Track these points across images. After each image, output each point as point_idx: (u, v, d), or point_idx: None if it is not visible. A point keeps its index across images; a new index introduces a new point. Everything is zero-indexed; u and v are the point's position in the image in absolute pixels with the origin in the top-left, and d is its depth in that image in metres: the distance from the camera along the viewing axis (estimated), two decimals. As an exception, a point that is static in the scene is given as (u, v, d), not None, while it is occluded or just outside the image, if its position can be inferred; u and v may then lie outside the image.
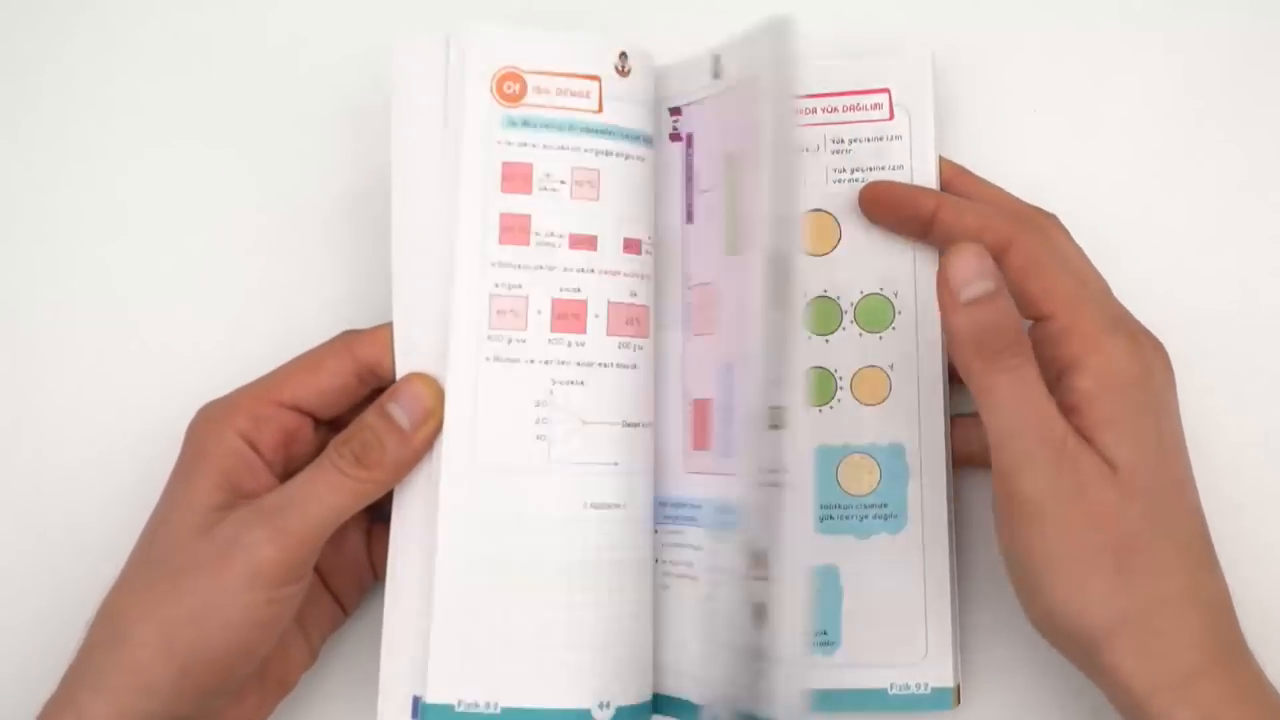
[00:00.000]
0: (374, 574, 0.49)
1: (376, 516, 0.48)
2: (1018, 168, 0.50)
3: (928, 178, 0.49)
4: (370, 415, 0.45)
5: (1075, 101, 0.52)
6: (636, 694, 0.45)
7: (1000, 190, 0.48)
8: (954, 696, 0.48)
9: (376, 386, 0.46)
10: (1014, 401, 0.41)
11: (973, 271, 0.40)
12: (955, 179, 0.49)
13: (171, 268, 0.52)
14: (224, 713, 0.45)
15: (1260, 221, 0.52)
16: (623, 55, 0.46)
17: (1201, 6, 0.52)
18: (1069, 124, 0.52)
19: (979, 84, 0.52)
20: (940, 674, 0.48)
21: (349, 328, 0.47)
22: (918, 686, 0.48)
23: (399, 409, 0.45)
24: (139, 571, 0.44)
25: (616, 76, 0.46)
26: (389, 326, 0.46)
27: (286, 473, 0.45)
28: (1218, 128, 0.52)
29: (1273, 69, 0.52)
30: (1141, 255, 0.51)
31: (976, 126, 0.52)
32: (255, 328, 0.51)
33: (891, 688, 0.48)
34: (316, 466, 0.44)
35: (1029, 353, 0.42)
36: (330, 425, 0.47)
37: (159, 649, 0.42)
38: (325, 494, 0.44)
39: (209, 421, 0.45)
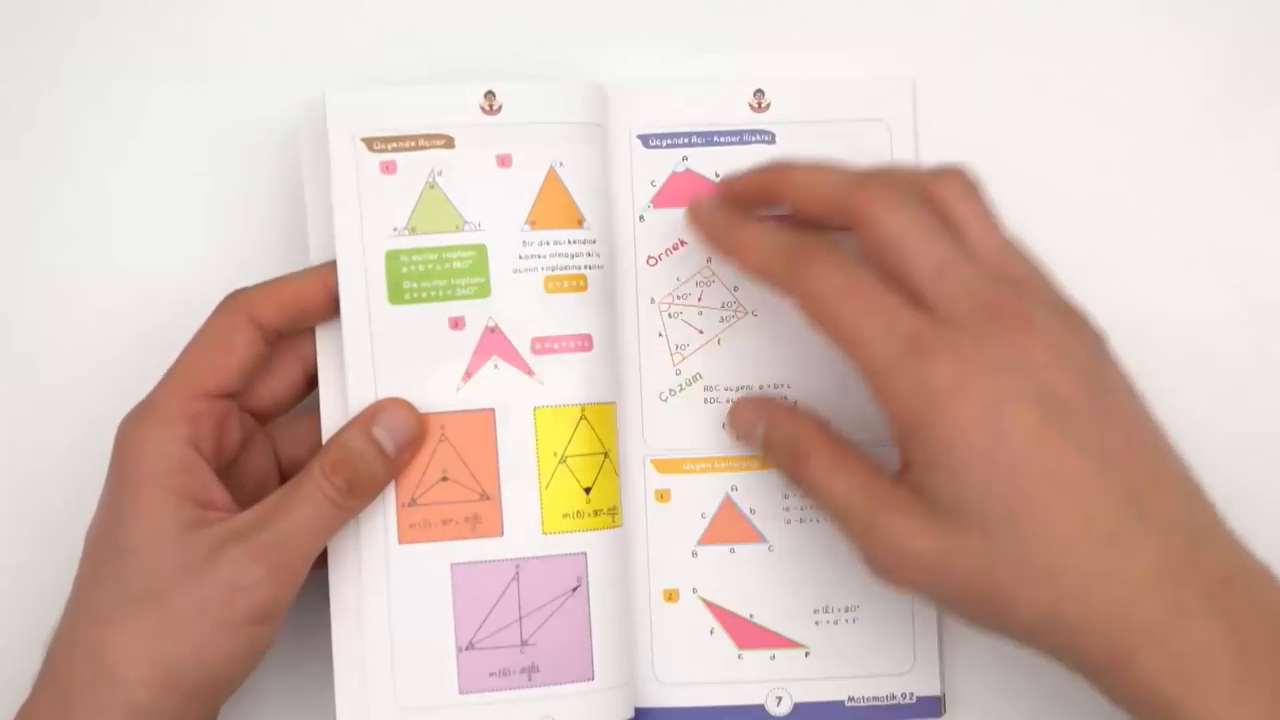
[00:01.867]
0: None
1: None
2: (1017, 168, 0.50)
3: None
4: (357, 440, 0.45)
5: (1075, 101, 0.52)
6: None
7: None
8: (940, 705, 0.49)
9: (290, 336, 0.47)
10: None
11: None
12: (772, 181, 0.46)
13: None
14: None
15: (1261, 221, 0.52)
16: (489, 94, 0.47)
17: (1202, 6, 0.52)
18: (1069, 124, 0.52)
19: (979, 83, 0.52)
20: (927, 683, 0.49)
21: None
22: (904, 696, 0.49)
23: (384, 434, 0.45)
24: (113, 604, 0.43)
25: (483, 116, 0.47)
26: (278, 280, 0.46)
27: (221, 464, 0.45)
28: (1218, 127, 0.52)
29: (1273, 69, 0.52)
30: (1141, 255, 0.51)
31: (977, 126, 0.52)
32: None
33: (877, 698, 0.49)
34: (307, 498, 0.44)
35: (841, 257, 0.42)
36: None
37: (161, 687, 0.42)
38: (320, 526, 0.44)
39: (144, 434, 0.44)
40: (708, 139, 0.50)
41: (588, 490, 0.47)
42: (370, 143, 0.46)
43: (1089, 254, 0.51)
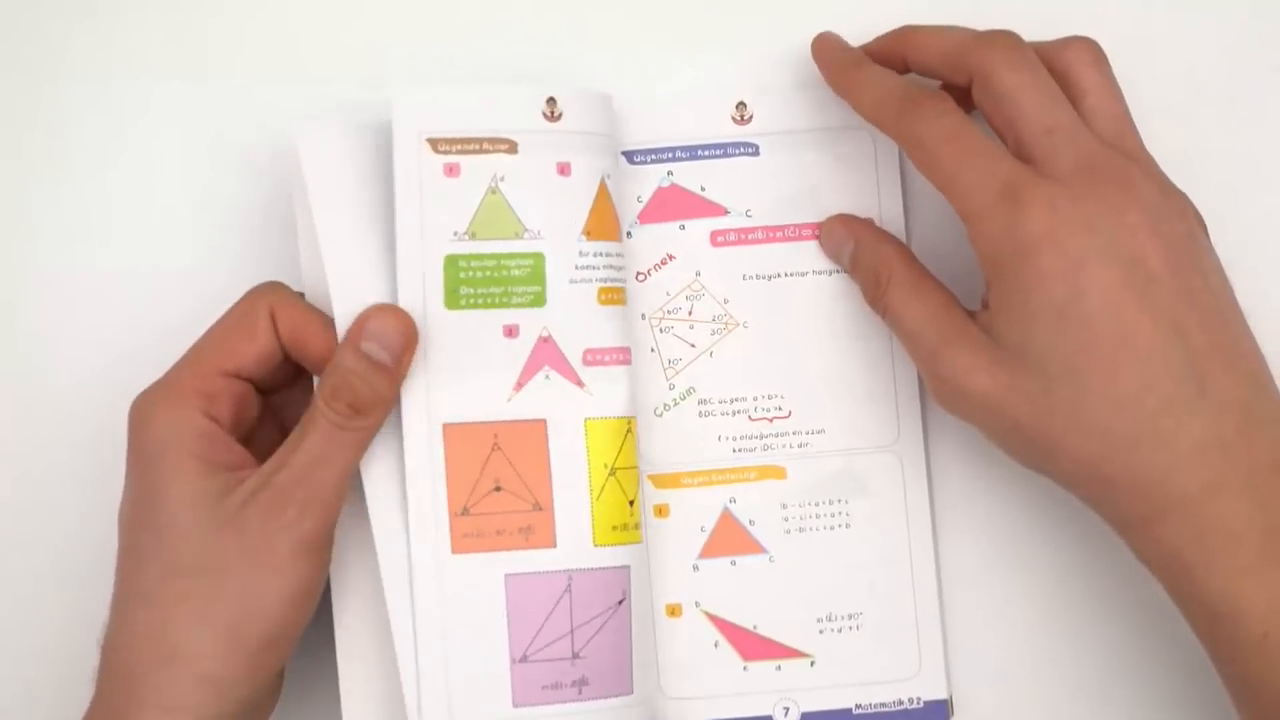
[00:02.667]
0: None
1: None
2: None
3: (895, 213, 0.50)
4: (349, 359, 0.44)
5: None
6: None
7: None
8: (948, 709, 0.49)
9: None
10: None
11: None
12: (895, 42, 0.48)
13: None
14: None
15: (1261, 221, 0.52)
16: (550, 100, 0.47)
17: (1202, 6, 0.52)
18: None
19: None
20: (933, 687, 0.49)
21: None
22: (911, 701, 0.49)
23: (374, 347, 0.44)
24: (160, 582, 0.42)
25: (545, 123, 0.46)
26: (305, 304, 0.46)
27: (241, 438, 0.45)
28: (1218, 126, 0.52)
29: (1273, 69, 0.52)
30: None
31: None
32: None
33: (884, 705, 0.49)
34: (314, 428, 0.43)
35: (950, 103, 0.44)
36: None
37: (226, 653, 0.42)
38: (334, 453, 0.43)
39: (160, 409, 0.44)
40: (692, 153, 0.50)
41: (631, 503, 0.47)
42: (436, 144, 0.46)
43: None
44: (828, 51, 0.48)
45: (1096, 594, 0.50)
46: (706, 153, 0.50)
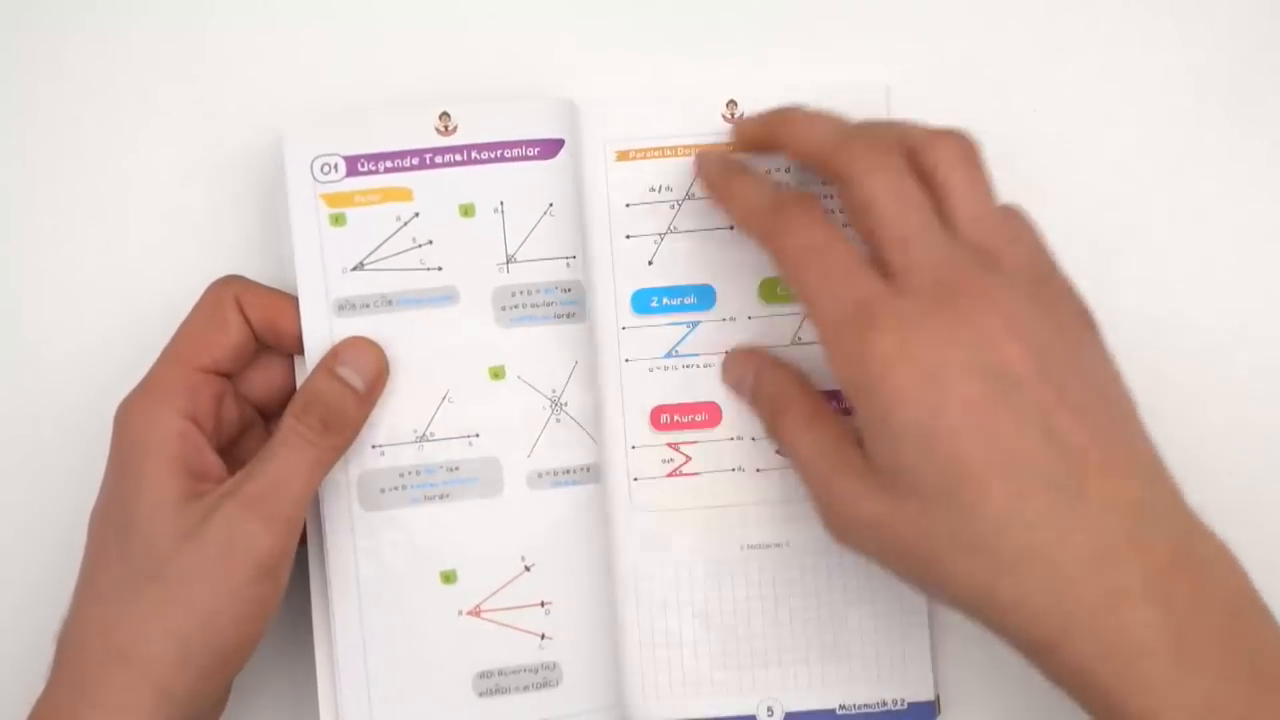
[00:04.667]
0: None
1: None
2: (1018, 168, 0.50)
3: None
4: (322, 381, 0.45)
5: (1075, 101, 0.51)
6: None
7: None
8: (934, 709, 0.49)
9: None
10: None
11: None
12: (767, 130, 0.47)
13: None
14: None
15: (1261, 221, 0.51)
16: (444, 115, 0.47)
17: (1202, 6, 0.51)
18: (1069, 124, 0.51)
19: (978, 83, 0.51)
20: (920, 688, 0.49)
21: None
22: (895, 702, 0.49)
23: (349, 372, 0.45)
24: (120, 583, 0.43)
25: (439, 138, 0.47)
26: (268, 288, 0.47)
27: (220, 443, 0.46)
28: (1218, 126, 0.51)
29: (1274, 69, 0.51)
30: (1141, 255, 0.51)
31: (976, 126, 0.51)
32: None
33: (869, 705, 0.49)
34: (284, 443, 0.44)
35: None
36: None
37: (175, 661, 0.42)
38: (302, 469, 0.44)
39: (140, 410, 0.45)
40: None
41: None
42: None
43: (1072, 268, 0.50)
44: (704, 164, 0.48)
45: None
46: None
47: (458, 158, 0.47)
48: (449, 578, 0.47)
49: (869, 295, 0.40)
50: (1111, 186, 0.51)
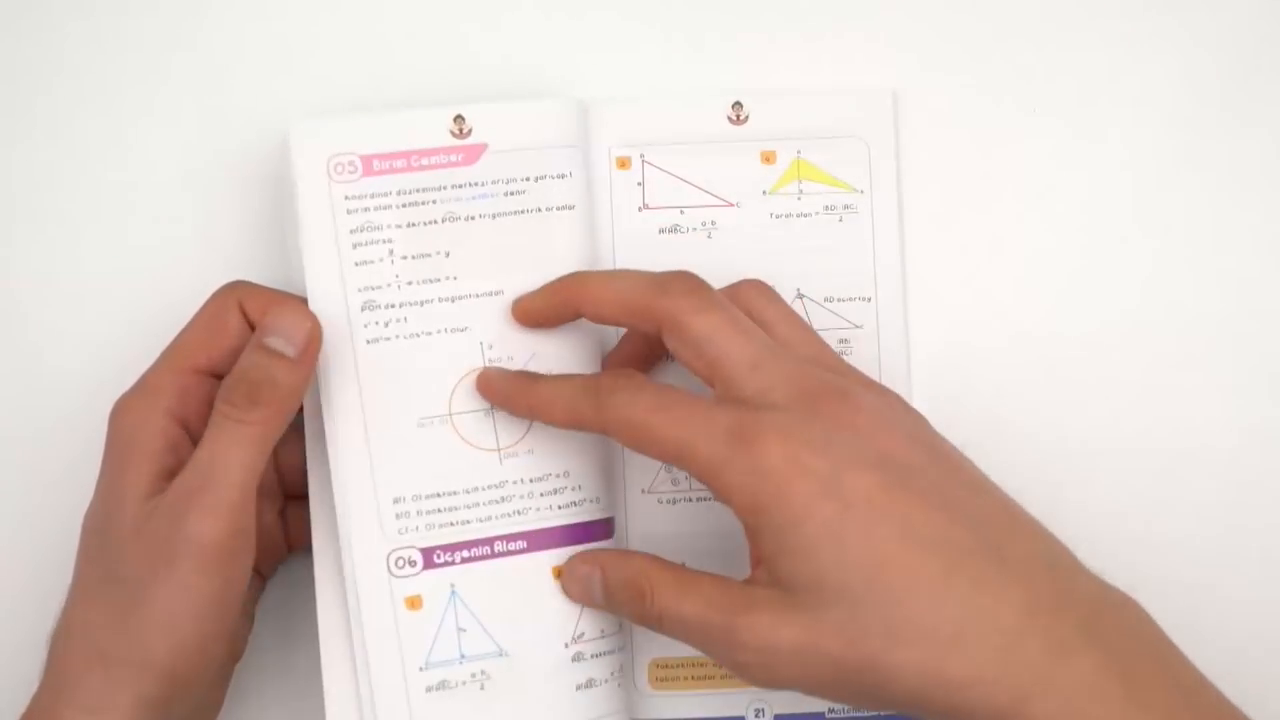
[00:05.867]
0: (287, 544, 0.48)
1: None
2: (1018, 168, 0.51)
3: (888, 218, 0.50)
4: (249, 355, 0.44)
5: (1074, 102, 0.52)
6: None
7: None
8: None
9: None
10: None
11: None
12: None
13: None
14: (211, 689, 0.45)
15: (1260, 222, 0.51)
16: (458, 119, 0.47)
17: (1201, 6, 0.52)
18: (1068, 124, 0.52)
19: (979, 83, 0.52)
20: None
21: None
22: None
23: (279, 340, 0.44)
24: (96, 582, 0.43)
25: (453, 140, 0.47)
26: (274, 291, 0.46)
27: None
28: (1217, 127, 0.52)
29: (1273, 69, 0.52)
30: (1141, 255, 0.51)
31: (976, 127, 0.52)
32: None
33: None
34: (214, 427, 0.43)
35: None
36: None
37: (142, 664, 0.42)
38: (234, 451, 0.43)
39: (131, 409, 0.45)
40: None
41: None
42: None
43: (1075, 271, 0.51)
44: (496, 385, 0.46)
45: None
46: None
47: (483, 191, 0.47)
48: None
49: (738, 420, 0.40)
50: (1111, 186, 0.52)
